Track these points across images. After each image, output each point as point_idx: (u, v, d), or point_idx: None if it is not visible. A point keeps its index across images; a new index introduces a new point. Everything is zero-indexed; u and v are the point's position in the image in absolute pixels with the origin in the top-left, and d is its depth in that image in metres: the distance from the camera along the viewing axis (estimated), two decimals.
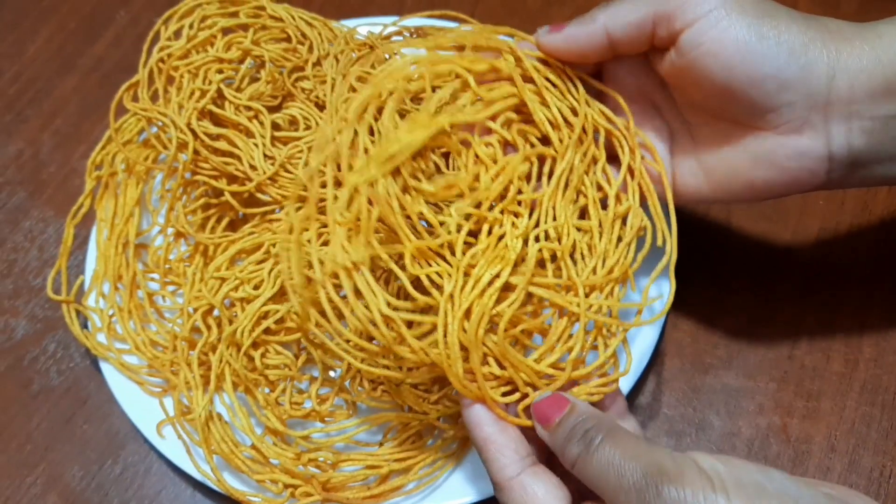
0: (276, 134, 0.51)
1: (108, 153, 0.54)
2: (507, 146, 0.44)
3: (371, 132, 0.42)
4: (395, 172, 0.40)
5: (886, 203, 0.54)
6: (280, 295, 0.47)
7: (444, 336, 0.38)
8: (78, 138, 0.61)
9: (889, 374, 0.48)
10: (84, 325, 0.51)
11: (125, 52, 0.65)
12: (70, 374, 0.52)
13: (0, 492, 0.48)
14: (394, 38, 0.57)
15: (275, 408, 0.45)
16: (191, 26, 0.53)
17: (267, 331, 0.46)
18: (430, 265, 0.40)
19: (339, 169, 0.41)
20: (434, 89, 0.42)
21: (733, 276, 0.52)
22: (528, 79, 0.44)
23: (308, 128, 0.52)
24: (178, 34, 0.53)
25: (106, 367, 0.49)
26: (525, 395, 0.40)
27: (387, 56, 0.54)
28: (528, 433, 0.39)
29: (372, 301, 0.38)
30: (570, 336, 0.41)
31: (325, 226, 0.40)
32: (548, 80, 0.45)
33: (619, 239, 0.43)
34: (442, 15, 0.58)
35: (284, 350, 0.47)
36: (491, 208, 0.42)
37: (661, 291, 0.47)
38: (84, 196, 0.53)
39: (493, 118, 0.43)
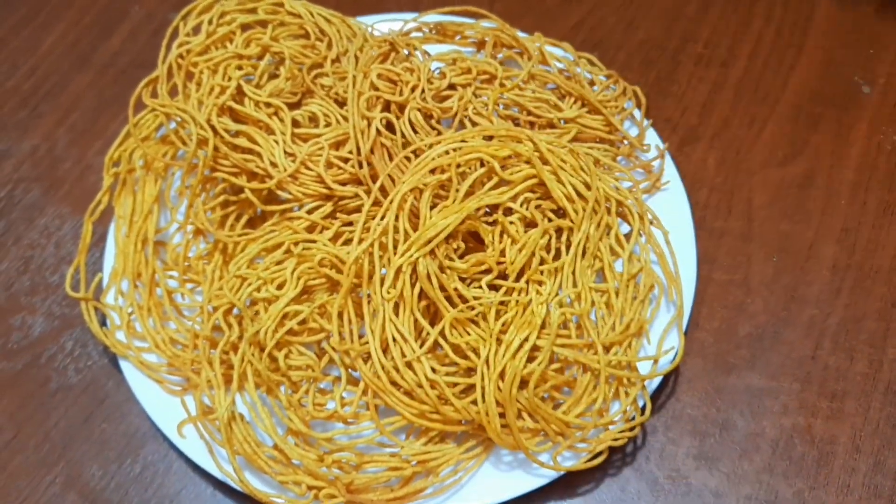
0: (296, 131, 0.51)
1: (126, 149, 0.53)
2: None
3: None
4: (432, 253, 0.45)
5: None
6: (300, 295, 0.47)
7: (483, 395, 0.43)
8: (94, 134, 0.60)
9: None
10: (102, 323, 0.50)
11: (140, 47, 0.64)
12: (88, 373, 0.51)
13: (19, 491, 0.48)
14: (413, 34, 0.57)
15: (297, 409, 0.45)
16: (210, 22, 0.52)
17: (290, 331, 0.46)
18: (469, 333, 0.45)
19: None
20: (463, 175, 0.47)
21: (755, 276, 0.52)
22: (544, 160, 0.48)
23: (328, 125, 0.51)
24: (196, 30, 0.53)
25: (125, 366, 0.49)
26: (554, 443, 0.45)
27: (406, 52, 0.54)
28: None
29: (418, 367, 0.44)
30: (594, 388, 0.46)
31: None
32: (562, 160, 0.48)
33: (634, 297, 0.48)
34: (462, 11, 0.58)
35: (307, 351, 0.46)
36: (518, 279, 0.47)
37: (673, 342, 0.48)
38: (102, 192, 0.52)
39: (514, 198, 0.47)
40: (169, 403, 0.48)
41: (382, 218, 0.47)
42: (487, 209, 0.48)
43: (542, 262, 0.47)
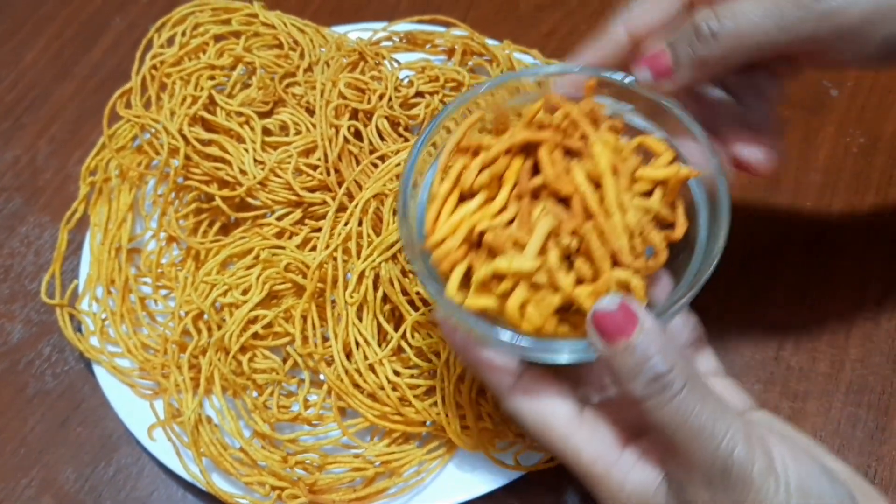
0: (267, 139, 0.52)
1: (102, 159, 0.55)
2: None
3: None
4: (394, 258, 0.46)
5: (874, 206, 0.54)
6: (269, 300, 0.48)
7: (443, 398, 0.44)
8: (74, 144, 0.61)
9: (875, 374, 0.49)
10: (78, 329, 0.51)
11: (121, 58, 0.66)
12: (65, 378, 0.52)
13: None
14: (383, 43, 0.58)
15: (262, 411, 0.46)
16: (183, 34, 0.54)
17: (255, 335, 0.47)
18: (430, 336, 0.45)
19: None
20: None
21: (720, 277, 0.52)
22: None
23: (298, 133, 0.52)
24: (171, 41, 0.54)
25: (99, 370, 0.50)
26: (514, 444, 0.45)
27: (377, 63, 0.55)
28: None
29: (380, 369, 0.45)
30: None
31: None
32: None
33: None
34: (432, 20, 0.59)
35: (272, 354, 0.47)
36: None
37: None
38: (78, 201, 0.54)
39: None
40: (141, 407, 0.49)
41: (346, 223, 0.48)
42: None
43: None
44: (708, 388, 0.33)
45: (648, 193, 0.37)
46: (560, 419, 0.36)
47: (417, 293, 0.46)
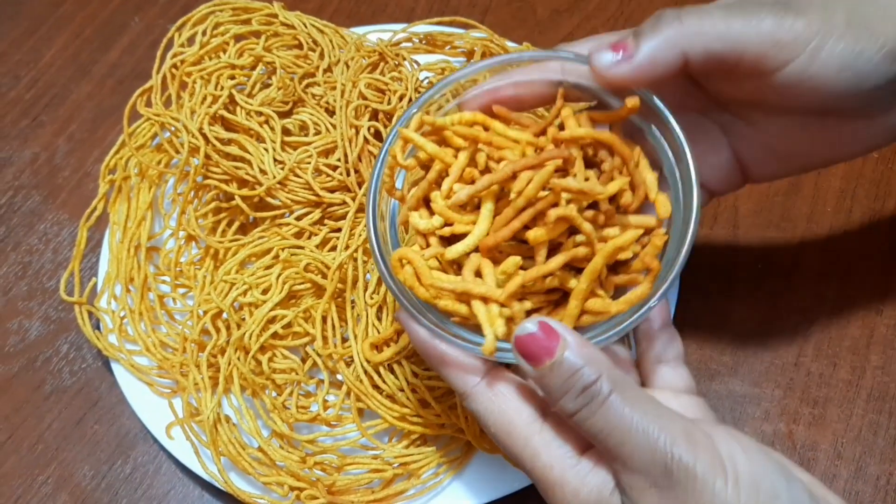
0: (287, 139, 0.52)
1: (122, 157, 0.55)
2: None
3: None
4: None
5: (895, 212, 0.54)
6: (288, 300, 0.48)
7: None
8: (92, 143, 0.62)
9: None
10: (96, 327, 0.51)
11: (139, 58, 0.66)
12: (82, 375, 0.52)
13: (12, 491, 0.49)
14: (403, 44, 0.58)
15: (281, 411, 0.46)
16: (204, 33, 0.54)
17: (274, 335, 0.46)
18: None
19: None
20: None
21: (740, 283, 0.52)
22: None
23: (318, 133, 0.52)
24: (191, 41, 0.54)
25: (117, 368, 0.50)
26: None
27: (397, 63, 0.55)
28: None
29: (399, 371, 0.45)
30: None
31: None
32: None
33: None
34: (452, 21, 0.59)
35: (291, 354, 0.47)
36: None
37: None
38: (97, 199, 0.54)
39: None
40: (158, 406, 0.49)
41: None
42: None
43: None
44: (643, 393, 0.33)
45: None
46: (523, 420, 0.35)
47: None
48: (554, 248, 0.36)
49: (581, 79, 0.39)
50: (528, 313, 0.36)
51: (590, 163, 0.39)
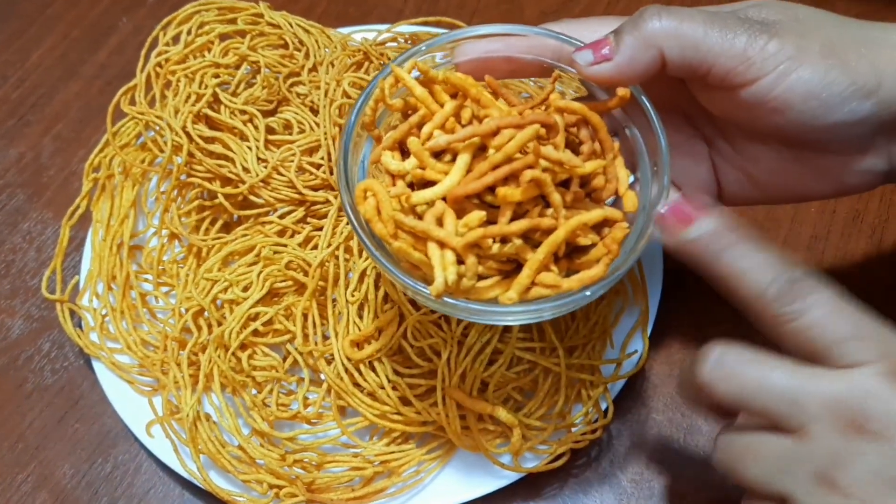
0: (270, 137, 0.52)
1: (106, 156, 0.55)
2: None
3: None
4: None
5: (878, 212, 0.54)
6: (269, 297, 0.48)
7: (443, 398, 0.44)
8: (79, 143, 0.61)
9: None
10: (78, 325, 0.51)
11: (127, 59, 0.66)
12: (64, 374, 0.52)
13: None
14: (388, 44, 0.58)
15: (261, 409, 0.45)
16: (189, 32, 0.54)
17: (255, 332, 0.46)
18: (431, 336, 0.45)
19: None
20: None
21: None
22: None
23: (302, 131, 0.52)
24: (176, 40, 0.54)
25: (98, 366, 0.50)
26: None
27: (382, 64, 0.55)
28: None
29: (380, 368, 0.45)
30: (556, 391, 0.46)
31: None
32: None
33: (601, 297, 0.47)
34: (437, 22, 0.59)
35: (272, 352, 0.47)
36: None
37: (637, 346, 0.49)
38: (81, 197, 0.54)
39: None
40: (139, 404, 0.48)
41: (348, 222, 0.48)
42: None
43: None
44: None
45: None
46: None
47: None
48: (518, 219, 0.36)
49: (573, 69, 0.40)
50: (480, 278, 0.36)
51: (569, 145, 0.39)
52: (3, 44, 0.67)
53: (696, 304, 0.51)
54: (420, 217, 0.36)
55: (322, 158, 0.51)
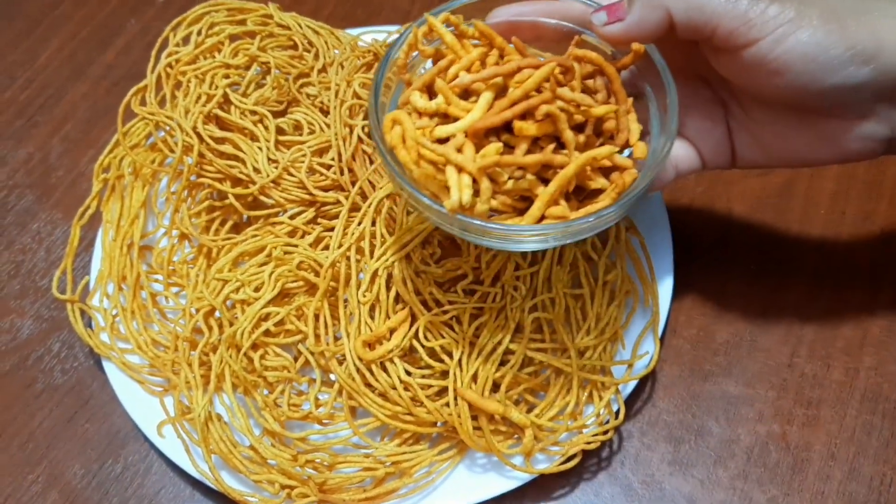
0: (280, 138, 0.52)
1: (116, 156, 0.55)
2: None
3: None
4: (408, 258, 0.46)
5: (888, 213, 0.54)
6: (280, 298, 0.48)
7: (455, 398, 0.44)
8: (87, 143, 0.62)
9: (890, 382, 0.48)
10: (88, 325, 0.51)
11: (135, 60, 0.66)
12: (74, 374, 0.52)
13: (1, 490, 0.48)
14: None
15: (273, 409, 0.45)
16: (199, 33, 0.54)
17: (266, 333, 0.46)
18: (443, 336, 0.45)
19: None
20: None
21: (733, 283, 0.52)
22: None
23: (312, 132, 0.52)
24: (186, 40, 0.54)
25: (108, 366, 0.50)
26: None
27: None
28: None
29: (392, 369, 0.45)
30: (568, 392, 0.46)
31: None
32: None
33: (610, 302, 0.48)
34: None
35: (283, 352, 0.47)
36: (493, 283, 0.46)
37: (648, 347, 0.49)
38: (91, 198, 0.54)
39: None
40: (150, 404, 0.48)
41: (360, 223, 0.48)
42: None
43: (518, 267, 0.47)
44: None
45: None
46: None
47: (431, 293, 0.46)
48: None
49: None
50: (492, 213, 0.38)
51: (585, 93, 0.41)
52: (10, 44, 0.67)
53: (706, 306, 0.51)
54: None
55: (332, 159, 0.51)
